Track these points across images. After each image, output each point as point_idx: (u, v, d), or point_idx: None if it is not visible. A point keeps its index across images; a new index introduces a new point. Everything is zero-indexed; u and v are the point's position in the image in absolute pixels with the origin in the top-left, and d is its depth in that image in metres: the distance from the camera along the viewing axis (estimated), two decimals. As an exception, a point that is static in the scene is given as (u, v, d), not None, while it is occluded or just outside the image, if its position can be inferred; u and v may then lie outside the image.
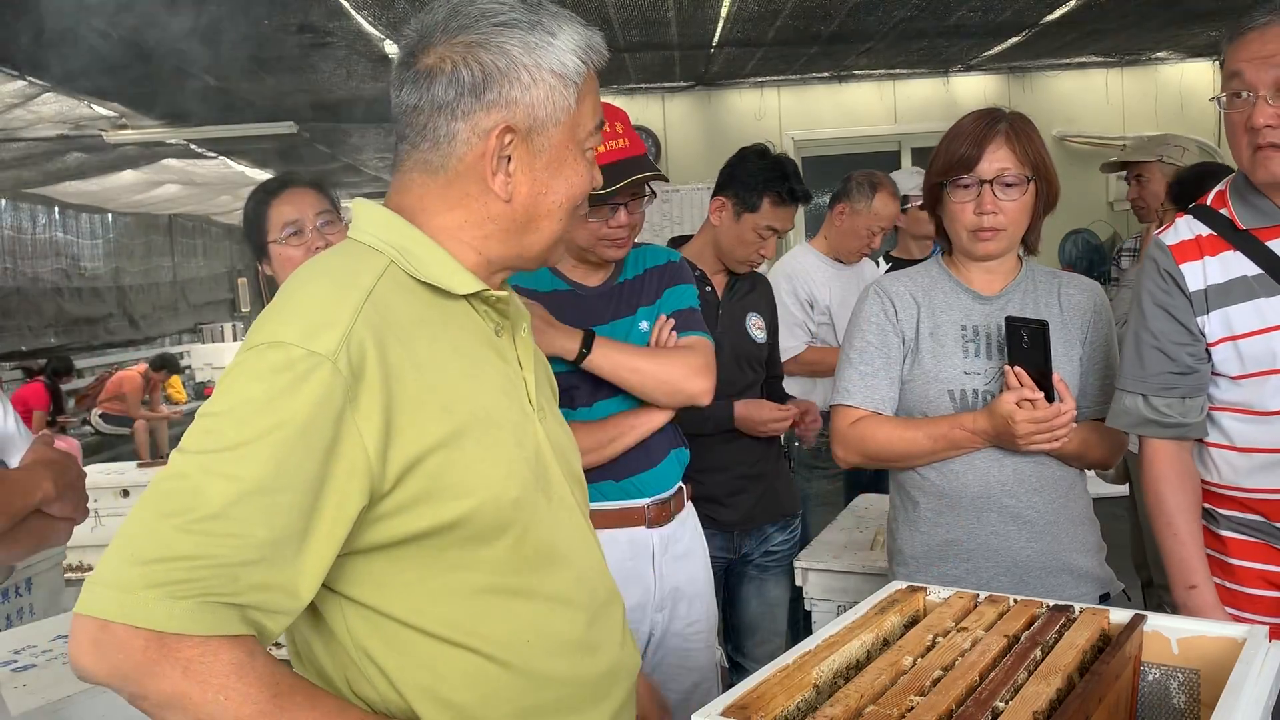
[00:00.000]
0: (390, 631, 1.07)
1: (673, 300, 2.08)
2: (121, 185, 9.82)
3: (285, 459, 0.94)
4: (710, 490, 2.51)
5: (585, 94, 1.13)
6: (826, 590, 2.67)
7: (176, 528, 0.92)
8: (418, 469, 1.02)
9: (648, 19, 5.22)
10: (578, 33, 1.11)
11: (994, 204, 1.80)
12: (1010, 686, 1.09)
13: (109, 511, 4.42)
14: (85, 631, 0.91)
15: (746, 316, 2.72)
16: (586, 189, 1.16)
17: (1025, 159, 1.81)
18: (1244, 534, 1.77)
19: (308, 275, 1.09)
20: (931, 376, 1.88)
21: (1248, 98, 1.62)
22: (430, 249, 1.10)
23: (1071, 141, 7.05)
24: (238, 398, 0.97)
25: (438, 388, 1.05)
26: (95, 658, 0.91)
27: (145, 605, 0.90)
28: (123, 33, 4.72)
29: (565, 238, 1.19)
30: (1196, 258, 1.74)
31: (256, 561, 0.93)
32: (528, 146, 1.10)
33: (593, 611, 1.20)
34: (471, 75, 1.06)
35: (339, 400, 0.97)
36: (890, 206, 3.54)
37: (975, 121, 1.85)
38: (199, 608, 0.91)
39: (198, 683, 0.91)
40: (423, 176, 1.11)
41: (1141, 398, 1.77)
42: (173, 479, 0.95)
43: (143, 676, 0.90)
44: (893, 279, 2.00)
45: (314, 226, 2.20)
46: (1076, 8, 5.42)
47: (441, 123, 1.08)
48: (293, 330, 0.99)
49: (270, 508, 0.93)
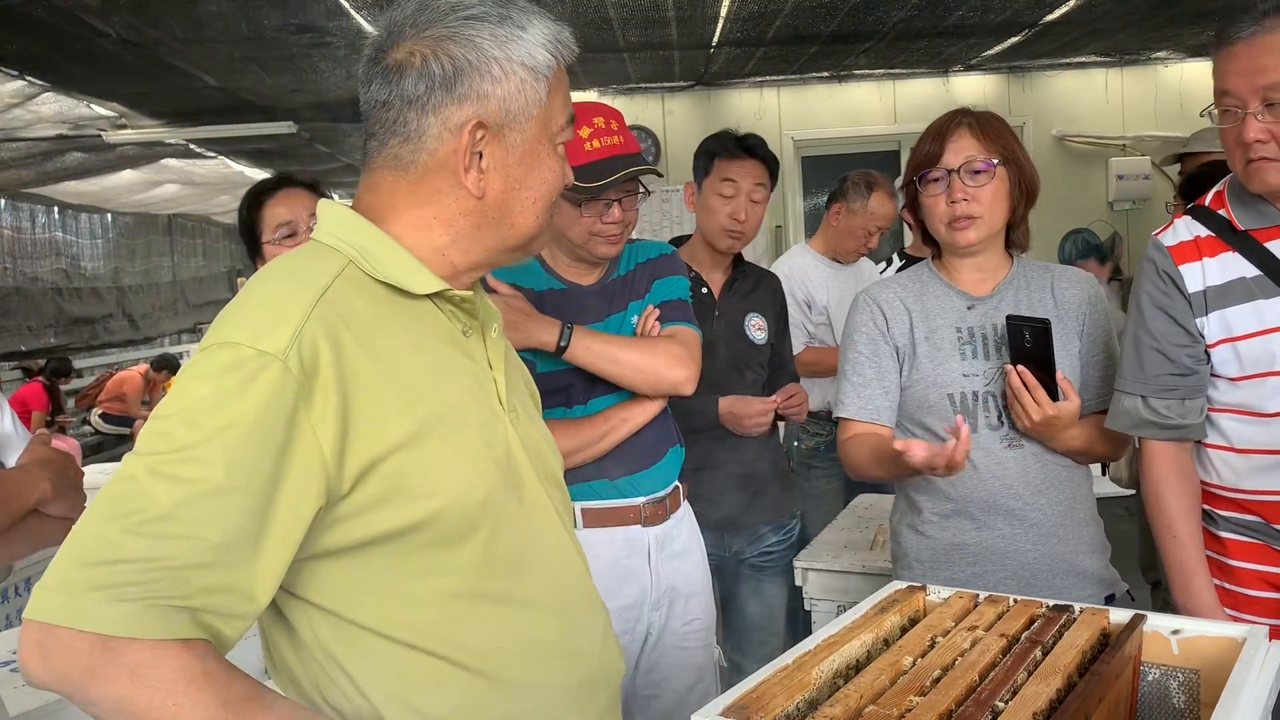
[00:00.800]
0: (357, 638, 1.05)
1: (661, 291, 2.07)
2: (121, 185, 9.81)
3: (236, 460, 0.93)
4: (701, 489, 2.51)
5: (556, 88, 1.12)
6: (826, 590, 2.67)
7: (124, 530, 0.90)
8: (378, 469, 1.01)
9: (648, 19, 5.22)
10: (547, 27, 1.10)
11: (964, 191, 1.82)
12: (1010, 686, 1.09)
13: (108, 511, 4.40)
14: (31, 636, 0.89)
15: (746, 317, 2.68)
16: (560, 183, 1.16)
17: (992, 146, 1.83)
18: (1243, 535, 1.77)
19: (264, 276, 1.08)
20: (930, 381, 1.88)
21: (1237, 112, 1.63)
22: (391, 249, 1.09)
23: (1071, 141, 7.05)
24: (188, 399, 0.96)
25: (398, 386, 1.03)
26: (42, 663, 0.89)
27: (90, 608, 0.88)
28: (123, 33, 4.72)
29: (546, 230, 1.17)
30: (1195, 259, 1.74)
31: (208, 564, 0.91)
32: (500, 141, 1.09)
33: (569, 617, 1.18)
34: (442, 69, 1.05)
35: (290, 400, 0.96)
36: (887, 206, 3.54)
37: (939, 120, 1.89)
38: (146, 610, 0.89)
39: (145, 688, 0.88)
40: (392, 174, 1.10)
41: (1141, 399, 1.76)
42: (123, 481, 0.93)
43: (89, 682, 0.88)
44: (882, 286, 2.01)
45: (307, 227, 2.19)
46: (1076, 8, 5.41)
47: (412, 117, 1.07)
48: (244, 331, 0.98)
49: (221, 509, 0.92)
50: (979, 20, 5.65)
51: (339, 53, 5.45)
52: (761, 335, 2.69)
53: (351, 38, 5.15)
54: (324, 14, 4.70)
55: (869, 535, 2.83)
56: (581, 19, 5.02)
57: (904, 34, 5.86)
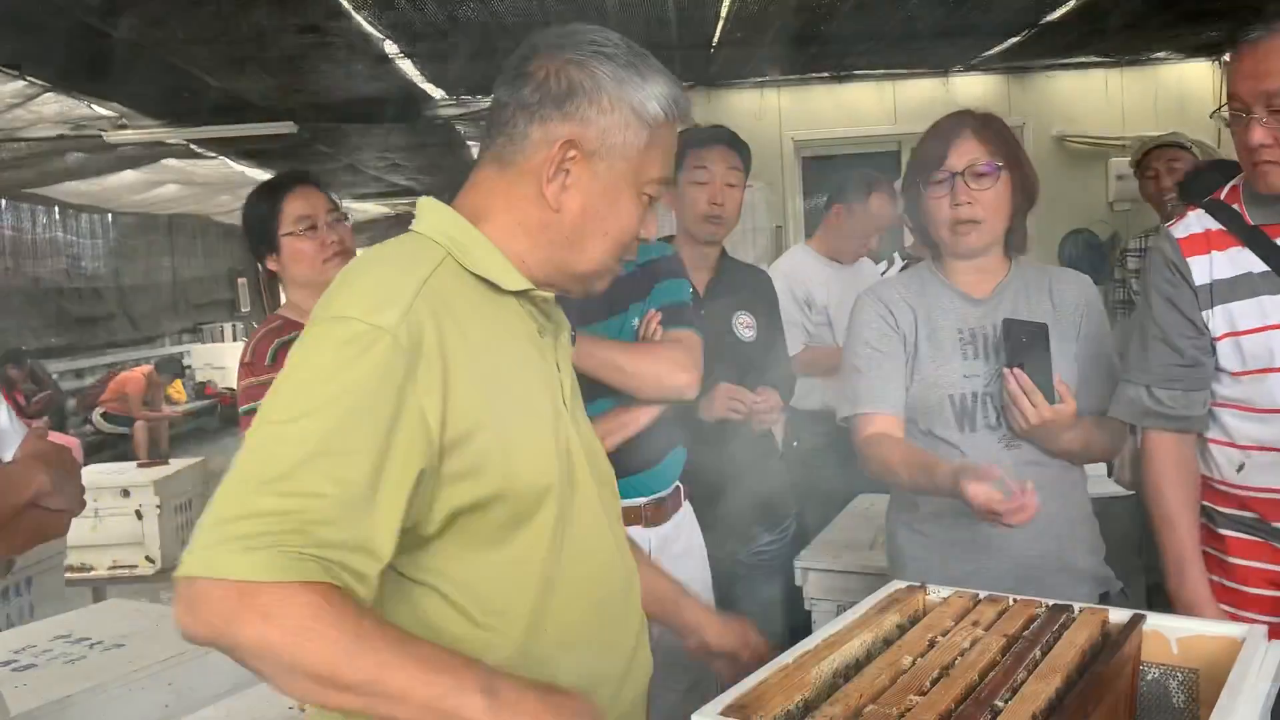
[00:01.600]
0: (424, 597, 1.12)
1: (663, 294, 2.06)
2: (121, 185, 9.82)
3: (350, 424, 1.00)
4: (694, 488, 2.50)
5: (657, 142, 1.18)
6: (826, 590, 2.67)
7: (251, 489, 0.97)
8: (467, 444, 1.08)
9: (648, 19, 5.23)
10: (668, 87, 1.18)
11: (968, 194, 1.81)
12: (1009, 686, 1.10)
13: (109, 511, 4.40)
14: (179, 594, 0.96)
15: (734, 315, 2.63)
16: (635, 229, 1.21)
17: (995, 150, 1.82)
18: (1243, 533, 1.78)
19: (369, 259, 1.16)
20: (931, 382, 1.88)
21: (1244, 116, 1.65)
22: (485, 246, 1.17)
23: (1071, 141, 7.05)
24: (306, 369, 1.05)
25: (487, 370, 1.11)
26: (190, 617, 0.95)
27: (223, 559, 0.94)
28: (123, 33, 4.72)
29: (610, 273, 1.24)
30: (1204, 252, 1.75)
31: (330, 520, 0.97)
32: (589, 167, 1.16)
33: (606, 611, 1.22)
34: (558, 86, 1.14)
35: (400, 370, 1.03)
36: (887, 207, 3.53)
37: (943, 121, 1.88)
38: (274, 556, 0.94)
39: (277, 628, 0.92)
40: (494, 170, 1.19)
41: (1145, 389, 1.77)
42: (247, 450, 1.01)
43: (227, 627, 0.93)
44: (884, 285, 2.00)
45: (326, 223, 2.27)
46: (1076, 8, 5.42)
47: (520, 121, 1.16)
48: (357, 306, 1.06)
49: (337, 469, 0.98)
50: (979, 20, 5.65)
51: (339, 53, 5.45)
52: (750, 333, 2.64)
53: (351, 38, 5.15)
54: (324, 14, 4.70)
55: (869, 535, 2.83)
56: (581, 19, 5.01)
57: (904, 34, 5.86)
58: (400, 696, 0.95)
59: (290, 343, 2.15)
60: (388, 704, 0.95)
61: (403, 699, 0.95)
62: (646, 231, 1.23)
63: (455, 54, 5.60)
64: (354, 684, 0.94)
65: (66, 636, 2.37)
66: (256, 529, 0.95)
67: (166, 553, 4.48)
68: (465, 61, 5.78)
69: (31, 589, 3.44)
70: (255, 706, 1.88)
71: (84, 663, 2.19)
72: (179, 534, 4.63)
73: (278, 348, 2.19)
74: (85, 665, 2.18)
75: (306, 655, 0.93)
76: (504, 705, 0.97)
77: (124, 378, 9.85)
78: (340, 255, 2.28)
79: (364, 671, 0.94)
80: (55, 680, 2.05)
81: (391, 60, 5.66)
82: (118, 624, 2.45)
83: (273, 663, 0.94)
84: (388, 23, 4.92)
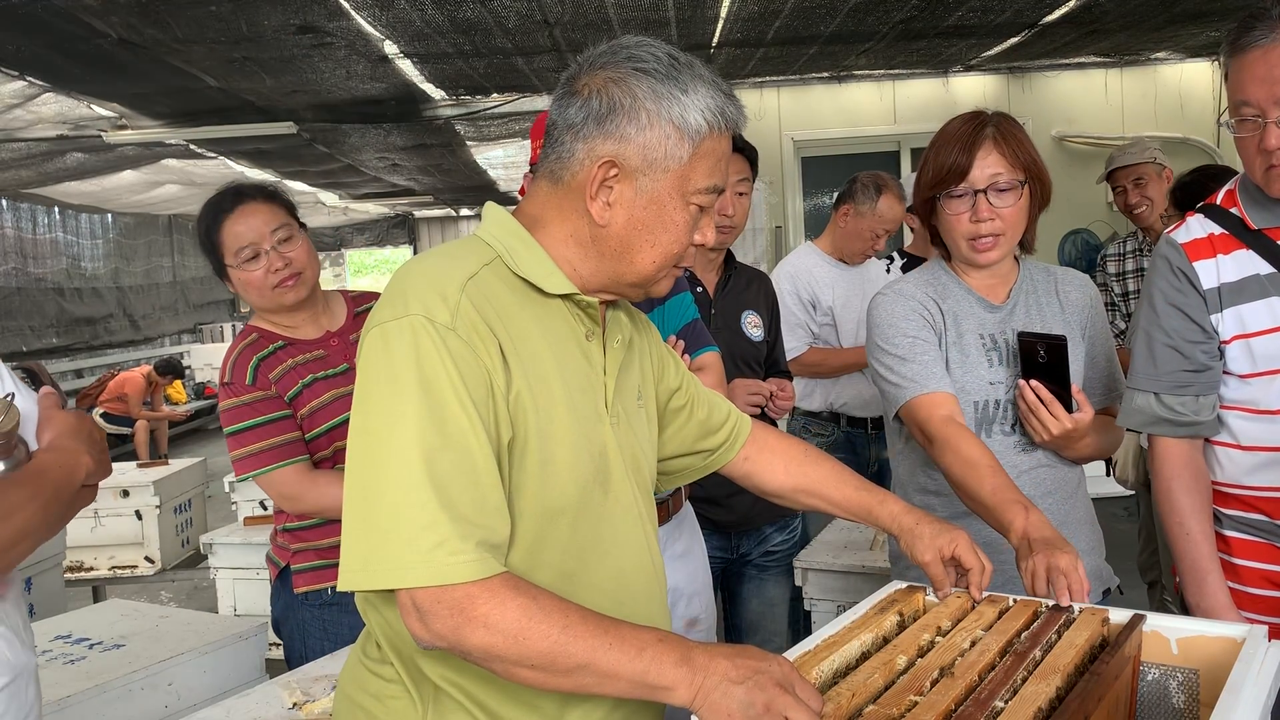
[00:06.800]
0: None
1: (674, 315, 2.07)
2: (121, 185, 9.82)
3: (448, 414, 1.08)
4: (708, 491, 2.51)
5: (704, 153, 1.20)
6: (826, 590, 2.67)
7: (408, 498, 1.05)
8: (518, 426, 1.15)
9: (648, 19, 5.22)
10: (712, 97, 1.20)
11: (990, 211, 1.78)
12: (1010, 686, 1.10)
13: (109, 511, 4.41)
14: (404, 605, 1.06)
15: (742, 315, 2.69)
16: (686, 239, 1.23)
17: (1016, 162, 1.78)
18: (1248, 534, 1.77)
19: (423, 259, 1.23)
20: (958, 387, 1.84)
21: (1257, 121, 1.61)
22: (535, 251, 1.22)
23: (1071, 141, 7.05)
24: (386, 372, 1.10)
25: (529, 364, 1.17)
26: (421, 627, 1.05)
27: (432, 569, 1.03)
28: (123, 33, 4.72)
29: (666, 276, 1.26)
30: (1210, 255, 1.74)
31: (478, 508, 1.07)
32: (631, 183, 1.19)
33: (628, 609, 1.23)
34: (600, 104, 1.18)
35: (469, 356, 1.11)
36: (895, 209, 3.53)
37: (962, 127, 1.81)
38: (470, 558, 1.04)
39: (499, 634, 1.04)
40: (547, 184, 1.24)
41: (1154, 396, 1.76)
42: (369, 464, 1.08)
43: (456, 637, 1.04)
44: (906, 284, 1.94)
45: (271, 246, 2.10)
46: (1076, 8, 5.42)
47: (567, 139, 1.20)
48: (418, 304, 1.12)
49: (460, 459, 1.07)
50: (979, 20, 5.66)
51: (339, 53, 5.45)
52: (759, 333, 2.70)
53: (351, 38, 5.15)
54: (324, 14, 4.70)
55: (869, 535, 2.83)
56: (582, 19, 5.02)
57: (904, 34, 5.87)
58: (611, 674, 1.06)
59: (268, 359, 2.14)
60: (599, 682, 1.06)
61: (614, 676, 1.06)
62: (703, 238, 1.24)
63: (455, 54, 5.60)
64: (571, 669, 1.05)
65: (66, 636, 2.38)
66: (439, 536, 1.03)
67: (166, 553, 4.49)
68: (465, 61, 5.78)
69: (31, 589, 3.44)
70: (255, 706, 1.88)
71: (84, 663, 2.19)
72: (178, 534, 4.63)
73: (257, 364, 2.12)
74: (85, 665, 2.18)
75: (527, 654, 1.04)
76: (698, 670, 1.05)
77: (124, 378, 9.84)
78: (292, 278, 2.13)
79: (577, 657, 1.05)
80: (55, 680, 2.05)
81: (391, 60, 5.66)
82: (118, 624, 2.45)
83: (500, 663, 1.05)
84: (387, 23, 4.92)
